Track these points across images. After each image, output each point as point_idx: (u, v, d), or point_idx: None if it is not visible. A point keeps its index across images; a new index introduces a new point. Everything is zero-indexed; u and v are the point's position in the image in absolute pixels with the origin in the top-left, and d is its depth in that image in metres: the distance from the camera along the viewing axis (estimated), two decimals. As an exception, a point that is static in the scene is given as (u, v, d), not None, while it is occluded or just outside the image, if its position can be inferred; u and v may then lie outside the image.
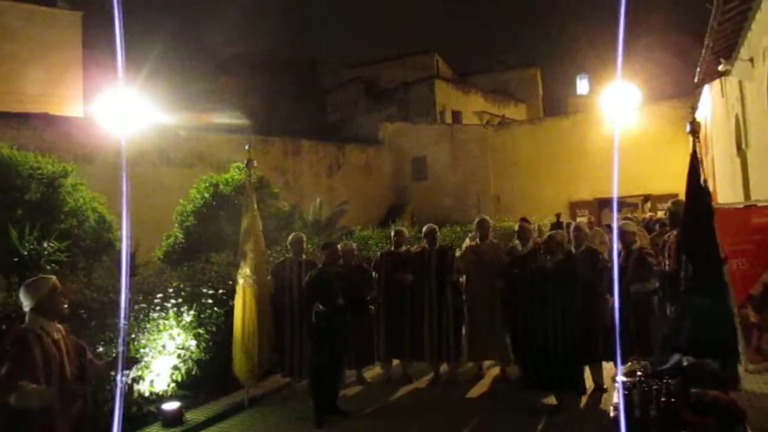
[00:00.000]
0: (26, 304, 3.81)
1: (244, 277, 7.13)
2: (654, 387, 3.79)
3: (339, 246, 7.73)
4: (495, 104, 33.99)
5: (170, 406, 6.50)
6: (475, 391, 7.42)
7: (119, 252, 9.63)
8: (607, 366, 7.10)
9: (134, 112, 9.70)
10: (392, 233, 8.46)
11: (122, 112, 9.40)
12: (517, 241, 8.00)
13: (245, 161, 7.80)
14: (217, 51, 30.44)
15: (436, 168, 25.50)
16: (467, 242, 8.79)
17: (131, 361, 4.37)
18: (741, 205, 8.69)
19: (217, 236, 10.73)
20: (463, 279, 8.04)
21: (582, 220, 13.98)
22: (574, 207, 21.90)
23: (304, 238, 8.06)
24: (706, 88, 14.92)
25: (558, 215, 15.70)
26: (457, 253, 8.22)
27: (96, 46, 20.16)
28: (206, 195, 11.76)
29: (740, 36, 9.69)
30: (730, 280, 6.57)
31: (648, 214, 16.33)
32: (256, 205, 7.52)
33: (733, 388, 5.32)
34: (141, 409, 6.54)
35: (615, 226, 6.69)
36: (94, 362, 4.10)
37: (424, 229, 8.20)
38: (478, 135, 25.74)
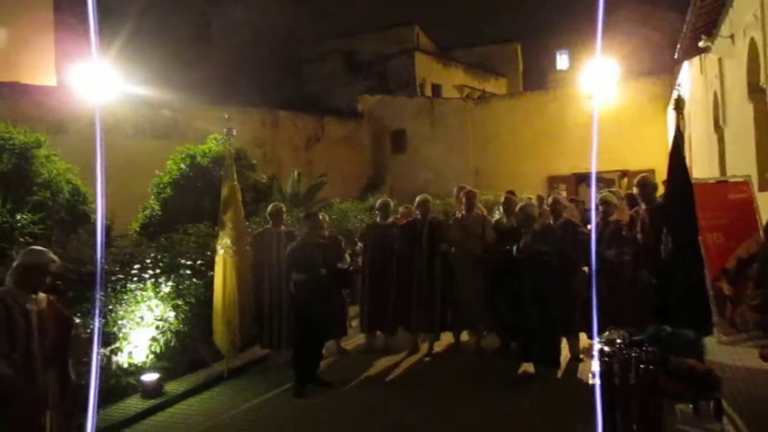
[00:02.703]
0: (14, 265, 3.84)
1: (224, 247, 7.07)
2: (633, 355, 3.84)
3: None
4: (475, 78, 33.85)
5: (149, 377, 6.46)
6: (453, 363, 7.50)
7: (95, 224, 9.54)
8: (581, 337, 7.20)
9: (109, 81, 9.50)
10: (378, 204, 8.42)
11: (96, 81, 9.20)
12: (497, 214, 8.03)
13: (225, 130, 7.70)
14: (191, 20, 29.75)
15: (415, 141, 25.42)
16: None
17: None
18: (713, 181, 8.83)
19: (194, 208, 10.60)
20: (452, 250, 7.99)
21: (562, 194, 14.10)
22: (552, 182, 22.01)
23: (284, 209, 8.01)
24: (686, 64, 14.99)
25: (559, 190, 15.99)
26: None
27: (68, 10, 19.56)
28: (183, 166, 11.60)
29: (722, 13, 9.71)
30: (705, 254, 6.69)
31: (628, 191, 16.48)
32: (235, 175, 7.43)
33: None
34: (119, 381, 6.48)
35: (593, 200, 6.75)
36: (80, 337, 4.03)
37: (417, 199, 8.15)
38: (459, 109, 25.67)
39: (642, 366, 3.77)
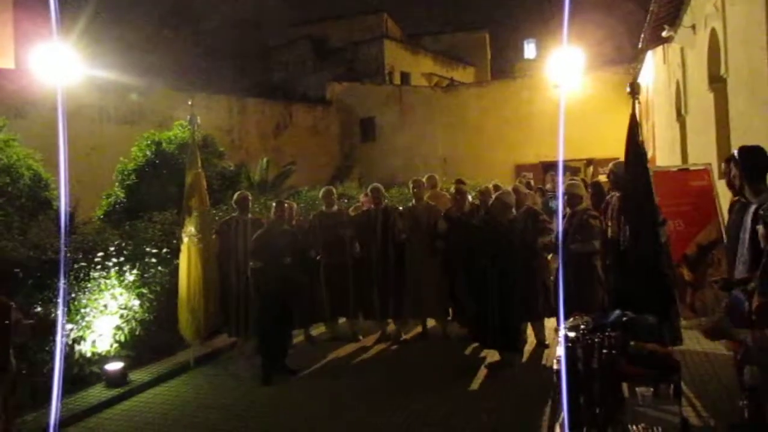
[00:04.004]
0: None
1: (188, 235, 7.00)
2: (596, 340, 3.91)
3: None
4: (444, 66, 33.88)
5: (113, 366, 6.39)
6: (419, 349, 7.56)
7: (57, 211, 9.35)
8: (547, 323, 7.32)
9: (71, 64, 9.28)
10: (321, 194, 8.40)
11: (58, 64, 8.98)
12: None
13: (188, 116, 7.60)
14: (158, 5, 29.20)
15: (384, 129, 25.40)
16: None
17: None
18: (675, 169, 9.01)
19: (159, 196, 10.44)
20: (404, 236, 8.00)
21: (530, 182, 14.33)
22: (520, 170, 22.20)
23: (250, 196, 7.96)
24: (650, 54, 15.21)
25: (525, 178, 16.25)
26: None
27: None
28: (148, 153, 11.40)
29: (684, 3, 9.87)
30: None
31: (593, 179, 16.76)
32: (200, 162, 7.34)
33: (674, 344, 5.56)
34: (83, 370, 6.40)
35: (561, 189, 6.79)
36: (21, 323, 3.90)
37: (368, 188, 8.20)
38: (427, 97, 25.69)
39: (604, 351, 3.84)
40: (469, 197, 8.39)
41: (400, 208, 8.36)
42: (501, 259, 6.45)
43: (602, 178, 14.71)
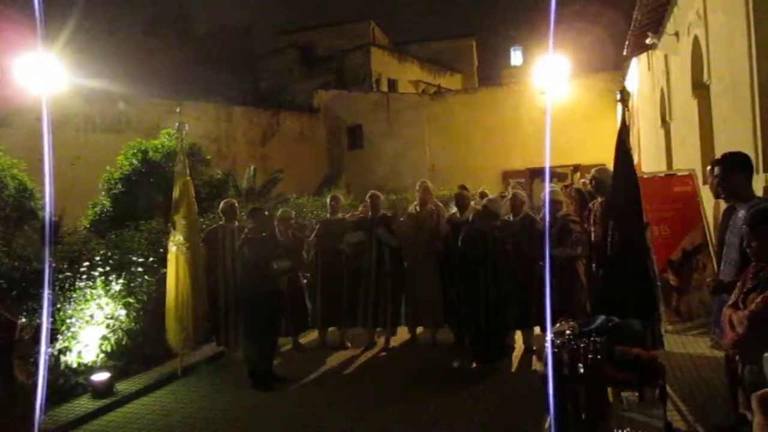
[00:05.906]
0: None
1: (176, 244, 6.97)
2: (581, 346, 3.94)
3: (278, 214, 7.84)
4: (431, 74, 34.03)
5: (99, 377, 6.34)
6: (409, 357, 7.54)
7: (42, 220, 9.28)
8: (535, 329, 7.33)
9: (56, 73, 9.23)
10: (328, 200, 8.40)
11: (42, 73, 8.93)
12: (455, 209, 8.09)
13: (176, 124, 7.58)
14: (143, 13, 29.20)
15: (371, 137, 25.43)
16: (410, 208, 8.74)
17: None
18: (661, 174, 9.09)
19: (147, 204, 10.41)
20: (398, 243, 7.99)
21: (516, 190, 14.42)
22: (507, 177, 22.30)
23: (237, 204, 7.94)
24: (634, 61, 15.35)
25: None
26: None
27: (10, 1, 18.90)
28: (135, 162, 11.37)
29: (667, 10, 9.97)
30: (653, 245, 6.86)
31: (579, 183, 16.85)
32: (188, 170, 7.32)
33: (656, 347, 5.61)
34: (68, 381, 6.34)
35: (547, 195, 6.83)
36: (22, 339, 3.88)
37: (367, 195, 8.17)
38: (414, 104, 25.75)
39: (590, 356, 3.87)
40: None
41: (402, 218, 8.28)
42: (495, 266, 6.49)
43: (590, 182, 14.73)
